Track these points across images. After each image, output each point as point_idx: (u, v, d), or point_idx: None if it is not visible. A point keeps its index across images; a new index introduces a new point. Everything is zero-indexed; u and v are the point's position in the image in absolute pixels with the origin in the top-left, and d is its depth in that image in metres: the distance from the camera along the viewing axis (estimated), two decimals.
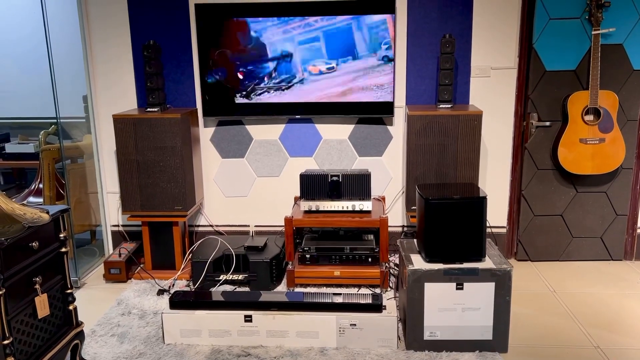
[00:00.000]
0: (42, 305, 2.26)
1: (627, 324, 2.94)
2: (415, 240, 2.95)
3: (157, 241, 3.63)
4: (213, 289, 3.35)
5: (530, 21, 3.50)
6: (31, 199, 3.79)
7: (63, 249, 2.41)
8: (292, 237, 3.32)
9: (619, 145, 3.50)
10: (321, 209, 3.37)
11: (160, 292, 3.35)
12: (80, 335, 2.54)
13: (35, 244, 2.21)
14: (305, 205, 3.38)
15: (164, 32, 3.66)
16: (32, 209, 2.21)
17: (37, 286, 2.24)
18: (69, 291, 2.46)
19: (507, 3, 3.50)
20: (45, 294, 2.29)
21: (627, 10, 3.41)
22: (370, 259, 3.33)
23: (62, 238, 2.40)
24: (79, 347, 2.54)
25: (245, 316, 2.74)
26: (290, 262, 3.36)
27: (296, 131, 3.79)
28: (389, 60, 3.54)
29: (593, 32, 3.37)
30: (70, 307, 2.48)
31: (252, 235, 3.75)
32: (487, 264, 2.63)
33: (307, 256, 3.35)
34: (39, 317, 2.26)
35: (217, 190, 3.92)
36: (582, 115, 3.46)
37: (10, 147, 4.08)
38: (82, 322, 2.55)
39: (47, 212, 2.27)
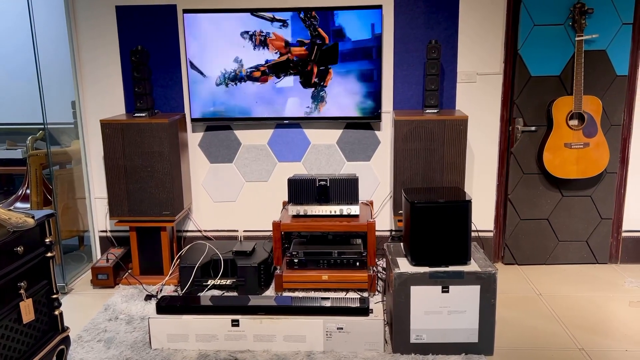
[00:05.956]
0: (27, 310, 2.26)
1: (612, 326, 2.97)
2: (402, 243, 2.97)
3: (145, 246, 3.62)
4: (201, 294, 3.34)
5: (515, 27, 3.55)
6: (18, 204, 3.78)
7: (49, 254, 2.41)
8: (280, 241, 3.33)
9: (603, 150, 3.54)
10: (309, 213, 3.38)
11: (148, 297, 3.34)
12: (66, 341, 2.53)
13: (20, 249, 2.20)
14: (294, 209, 3.39)
15: (152, 37, 3.67)
16: (17, 214, 2.21)
17: (22, 291, 2.23)
18: (54, 296, 2.46)
19: (492, 9, 3.54)
20: (30, 299, 2.28)
21: (610, 17, 3.47)
22: (358, 263, 3.35)
23: (47, 243, 2.39)
24: (64, 353, 2.53)
25: (233, 321, 2.74)
26: (278, 267, 3.37)
27: (284, 136, 3.81)
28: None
29: (577, 38, 3.42)
30: (56, 313, 2.47)
31: (241, 240, 3.76)
32: (472, 267, 2.65)
33: (295, 261, 3.36)
34: (24, 323, 2.25)
35: (206, 195, 3.92)
36: (567, 120, 3.51)
37: None
38: (67, 328, 2.54)
39: (33, 217, 2.27)
